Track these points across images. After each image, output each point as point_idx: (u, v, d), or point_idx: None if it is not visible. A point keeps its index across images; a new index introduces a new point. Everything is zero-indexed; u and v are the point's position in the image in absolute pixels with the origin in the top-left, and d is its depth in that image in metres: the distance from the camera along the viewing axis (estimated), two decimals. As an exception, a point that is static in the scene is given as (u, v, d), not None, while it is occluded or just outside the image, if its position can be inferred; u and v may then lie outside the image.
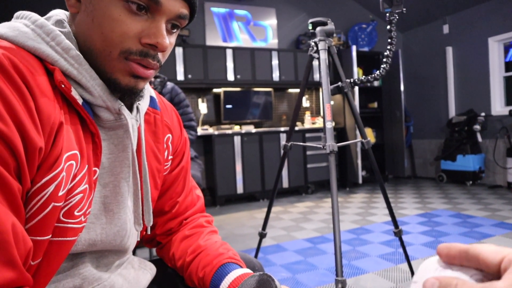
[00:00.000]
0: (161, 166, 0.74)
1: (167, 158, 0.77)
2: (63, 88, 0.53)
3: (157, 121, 0.73)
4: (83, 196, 0.57)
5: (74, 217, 0.56)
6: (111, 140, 0.64)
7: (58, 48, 0.55)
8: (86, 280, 0.63)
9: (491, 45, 5.27)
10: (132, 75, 0.58)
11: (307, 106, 5.95)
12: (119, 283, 0.69)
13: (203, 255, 0.74)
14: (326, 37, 1.68)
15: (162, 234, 0.82)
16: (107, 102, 0.59)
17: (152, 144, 0.72)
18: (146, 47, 0.57)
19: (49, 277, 0.56)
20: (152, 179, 0.72)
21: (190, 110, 2.83)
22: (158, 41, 0.56)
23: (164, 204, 0.80)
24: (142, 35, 0.56)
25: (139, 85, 0.60)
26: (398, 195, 4.90)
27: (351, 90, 1.70)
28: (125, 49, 0.56)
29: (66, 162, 0.53)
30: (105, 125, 0.62)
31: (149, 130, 0.72)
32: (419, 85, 6.38)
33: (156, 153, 0.73)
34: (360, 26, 6.02)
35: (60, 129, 0.52)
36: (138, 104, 0.67)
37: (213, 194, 4.74)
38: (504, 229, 3.11)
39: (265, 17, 5.64)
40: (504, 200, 4.23)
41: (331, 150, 1.46)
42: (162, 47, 0.57)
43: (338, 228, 1.35)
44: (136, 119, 0.66)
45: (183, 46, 4.69)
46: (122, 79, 0.58)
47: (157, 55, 0.59)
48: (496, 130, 5.16)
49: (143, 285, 0.75)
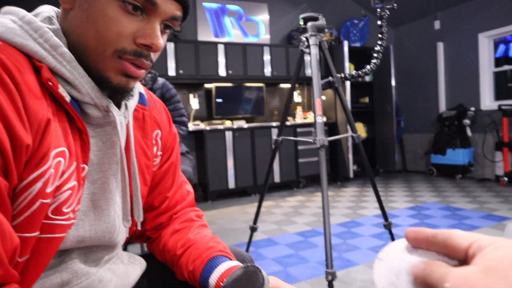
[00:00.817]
0: (150, 162, 0.74)
1: (156, 153, 0.77)
2: (51, 85, 0.54)
3: (145, 117, 0.73)
4: (71, 193, 0.57)
5: (62, 214, 0.56)
6: (99, 137, 0.64)
7: (46, 45, 0.54)
8: (74, 275, 0.63)
9: (481, 40, 5.32)
10: (125, 74, 0.58)
11: (299, 101, 5.97)
12: (108, 277, 0.69)
13: (193, 248, 0.75)
14: (317, 32, 1.69)
15: (152, 229, 0.83)
16: (95, 99, 0.59)
17: (140, 140, 0.72)
18: (141, 47, 0.57)
19: (37, 274, 0.56)
20: (141, 175, 0.72)
21: (181, 105, 2.82)
22: (153, 42, 0.57)
23: (153, 199, 0.81)
24: (137, 36, 0.57)
25: (130, 84, 0.60)
26: (389, 188, 4.95)
27: (341, 85, 1.71)
28: (120, 48, 0.56)
29: (54, 159, 0.53)
30: (93, 122, 0.62)
31: (137, 126, 0.72)
32: (410, 80, 6.42)
33: (144, 149, 0.73)
34: (352, 21, 6.04)
35: (48, 126, 0.52)
36: (127, 101, 0.67)
37: (204, 189, 4.74)
38: (492, 220, 3.17)
39: (257, 13, 5.63)
40: (492, 193, 4.30)
41: (321, 144, 1.47)
42: (156, 48, 0.58)
43: (328, 221, 1.37)
44: (125, 116, 0.67)
45: (175, 42, 4.67)
46: (114, 78, 0.58)
47: (150, 55, 0.60)
48: (485, 125, 5.22)
49: (133, 279, 0.75)
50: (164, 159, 0.81)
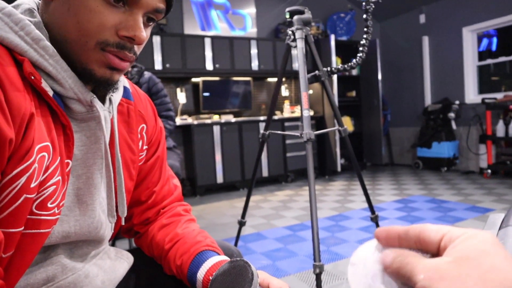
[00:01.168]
0: (135, 157, 0.74)
1: (142, 148, 0.77)
2: (33, 79, 0.53)
3: (130, 112, 0.73)
4: (56, 188, 0.56)
5: (47, 209, 0.55)
6: (84, 132, 0.63)
7: (28, 38, 0.53)
8: (60, 270, 0.63)
9: (465, 34, 5.39)
10: (108, 66, 0.57)
11: (286, 95, 5.97)
12: (94, 272, 0.68)
13: (181, 243, 0.75)
14: (303, 26, 1.69)
15: (139, 224, 0.82)
16: (78, 94, 0.58)
17: (125, 135, 0.72)
18: (123, 39, 0.56)
19: (22, 269, 0.56)
20: (126, 170, 0.72)
21: (168, 100, 2.80)
22: (135, 34, 0.56)
23: (140, 194, 0.80)
24: (119, 28, 0.56)
25: (114, 77, 0.60)
26: (376, 182, 5.00)
27: (328, 79, 1.71)
28: (102, 40, 0.55)
29: (38, 154, 0.52)
30: (77, 117, 0.61)
31: (122, 121, 0.71)
32: (396, 74, 6.48)
33: (130, 144, 0.73)
34: (338, 15, 6.05)
35: (31, 121, 0.51)
36: (111, 95, 0.66)
37: (193, 184, 4.72)
38: (476, 212, 3.23)
39: (244, 6, 5.59)
40: (476, 185, 4.38)
41: (308, 138, 1.48)
42: (139, 40, 0.57)
43: (316, 215, 1.37)
44: (109, 110, 0.66)
45: (161, 35, 4.61)
46: (98, 70, 0.57)
47: (134, 48, 0.59)
48: (469, 118, 5.31)
49: (120, 274, 0.75)
50: (150, 153, 0.81)
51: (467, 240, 0.29)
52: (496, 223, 0.92)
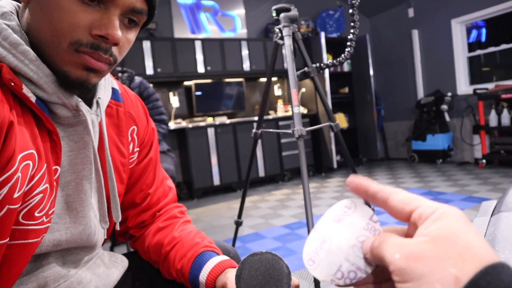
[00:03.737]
0: (125, 160, 0.73)
1: (133, 150, 0.76)
2: (13, 86, 0.51)
3: (120, 114, 0.71)
4: (43, 196, 0.55)
5: (34, 219, 0.54)
6: (71, 137, 0.61)
7: (5, 43, 0.52)
8: (51, 278, 0.62)
9: (454, 26, 5.42)
10: (84, 67, 0.55)
11: (279, 94, 5.97)
12: (87, 278, 0.67)
13: (179, 246, 0.74)
14: (290, 23, 1.69)
15: (135, 227, 0.81)
16: (63, 98, 0.56)
17: (115, 138, 0.70)
18: (97, 39, 0.54)
19: (12, 280, 0.54)
20: (116, 174, 0.71)
21: (160, 104, 2.79)
22: (108, 32, 0.53)
23: (135, 196, 0.79)
24: (93, 27, 0.53)
25: (91, 79, 0.57)
26: (372, 177, 5.02)
27: (317, 75, 1.72)
28: (75, 40, 0.53)
29: (22, 163, 0.51)
30: (63, 122, 0.60)
31: (112, 124, 0.70)
32: (388, 68, 6.50)
33: (119, 147, 0.71)
34: (327, 12, 6.06)
35: (11, 129, 0.50)
36: (99, 98, 0.64)
37: (189, 187, 4.71)
38: (472, 202, 3.24)
39: (232, 7, 5.59)
40: (472, 176, 4.40)
41: (299, 134, 1.48)
42: (113, 39, 0.54)
43: (310, 211, 1.37)
44: (97, 114, 0.64)
45: (151, 40, 4.60)
46: (73, 72, 0.55)
47: (111, 50, 0.56)
48: (462, 109, 5.33)
49: (115, 278, 0.74)
50: (143, 155, 0.80)
51: (440, 219, 0.29)
52: (488, 210, 0.93)
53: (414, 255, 0.28)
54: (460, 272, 0.26)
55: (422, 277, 0.27)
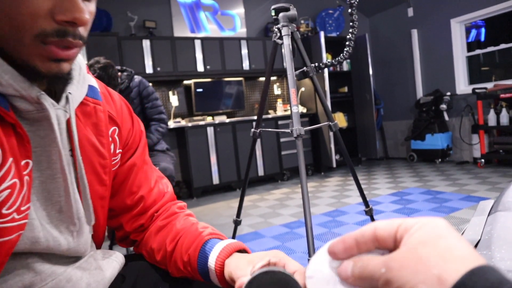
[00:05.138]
0: (106, 161, 0.68)
1: (115, 152, 0.71)
2: None
3: (98, 113, 0.66)
4: (11, 191, 0.52)
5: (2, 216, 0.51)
6: (37, 132, 0.57)
7: None
8: (37, 277, 0.59)
9: (453, 26, 5.42)
10: (53, 59, 0.51)
11: (279, 93, 5.98)
12: (77, 275, 0.64)
13: (183, 239, 0.71)
14: (289, 23, 1.69)
15: (134, 232, 0.78)
16: (21, 90, 0.52)
17: (92, 138, 0.65)
18: (63, 24, 0.49)
19: None
20: (95, 176, 0.66)
21: (159, 103, 2.80)
22: (75, 16, 0.48)
23: (125, 199, 0.76)
24: (55, 12, 0.48)
25: (63, 68, 0.53)
26: (372, 176, 5.02)
27: (316, 74, 1.72)
28: (38, 31, 0.48)
29: None
30: (26, 116, 0.55)
31: (89, 123, 0.65)
32: (387, 68, 6.51)
33: (98, 147, 0.66)
34: (327, 11, 6.07)
35: None
36: (69, 93, 0.59)
37: (189, 186, 4.72)
38: (471, 202, 3.25)
39: (232, 6, 5.59)
40: (471, 175, 4.41)
41: (298, 134, 1.48)
42: (81, 22, 0.50)
43: (309, 210, 1.38)
44: (65, 109, 0.59)
45: (150, 39, 4.60)
46: (42, 66, 0.51)
47: (78, 31, 0.51)
48: (461, 109, 5.34)
49: (110, 274, 0.71)
50: (127, 156, 0.76)
51: (421, 228, 0.30)
52: (485, 210, 0.93)
53: (398, 264, 0.28)
54: (443, 273, 0.26)
55: (407, 282, 0.27)
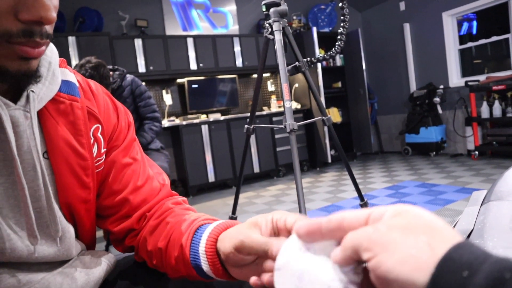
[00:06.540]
0: (86, 163, 0.62)
1: (100, 152, 0.66)
2: None
3: (75, 110, 0.61)
4: None
5: None
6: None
7: None
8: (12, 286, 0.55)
9: (445, 19, 5.44)
10: (21, 57, 0.48)
11: (273, 90, 5.97)
12: (57, 281, 0.59)
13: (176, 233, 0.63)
14: (280, 18, 1.69)
15: (127, 237, 0.71)
16: None
17: (70, 138, 0.60)
18: (29, 24, 0.45)
19: None
20: (75, 178, 0.61)
21: (152, 101, 2.78)
22: (41, 15, 0.45)
23: (104, 200, 0.70)
24: (18, 10, 0.44)
25: (32, 65, 0.51)
26: (367, 170, 5.04)
27: (308, 69, 1.72)
28: (2, 32, 0.44)
29: None
30: None
31: (66, 122, 0.60)
32: (380, 62, 6.52)
33: (76, 148, 0.60)
34: (319, 7, 6.06)
35: None
36: (31, 91, 0.53)
37: (184, 184, 4.71)
38: (466, 193, 3.27)
39: (224, 3, 5.57)
40: (465, 167, 4.44)
41: (291, 128, 1.48)
42: (48, 21, 0.46)
43: (303, 204, 1.38)
44: (26, 109, 0.53)
45: (142, 38, 4.58)
46: (11, 65, 0.48)
47: (45, 29, 0.48)
48: (454, 101, 5.37)
49: (98, 275, 0.66)
50: (110, 153, 0.70)
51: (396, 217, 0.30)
52: (478, 200, 0.94)
53: (386, 227, 0.29)
54: (431, 240, 0.27)
55: (396, 245, 0.28)
